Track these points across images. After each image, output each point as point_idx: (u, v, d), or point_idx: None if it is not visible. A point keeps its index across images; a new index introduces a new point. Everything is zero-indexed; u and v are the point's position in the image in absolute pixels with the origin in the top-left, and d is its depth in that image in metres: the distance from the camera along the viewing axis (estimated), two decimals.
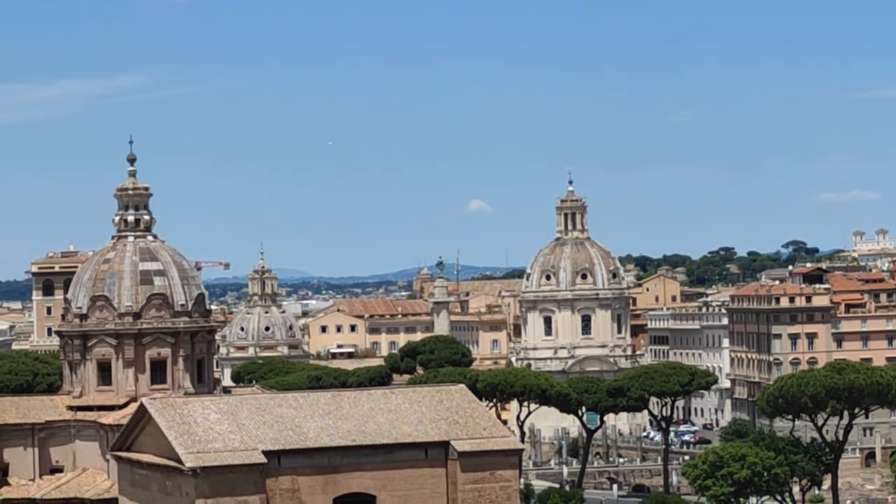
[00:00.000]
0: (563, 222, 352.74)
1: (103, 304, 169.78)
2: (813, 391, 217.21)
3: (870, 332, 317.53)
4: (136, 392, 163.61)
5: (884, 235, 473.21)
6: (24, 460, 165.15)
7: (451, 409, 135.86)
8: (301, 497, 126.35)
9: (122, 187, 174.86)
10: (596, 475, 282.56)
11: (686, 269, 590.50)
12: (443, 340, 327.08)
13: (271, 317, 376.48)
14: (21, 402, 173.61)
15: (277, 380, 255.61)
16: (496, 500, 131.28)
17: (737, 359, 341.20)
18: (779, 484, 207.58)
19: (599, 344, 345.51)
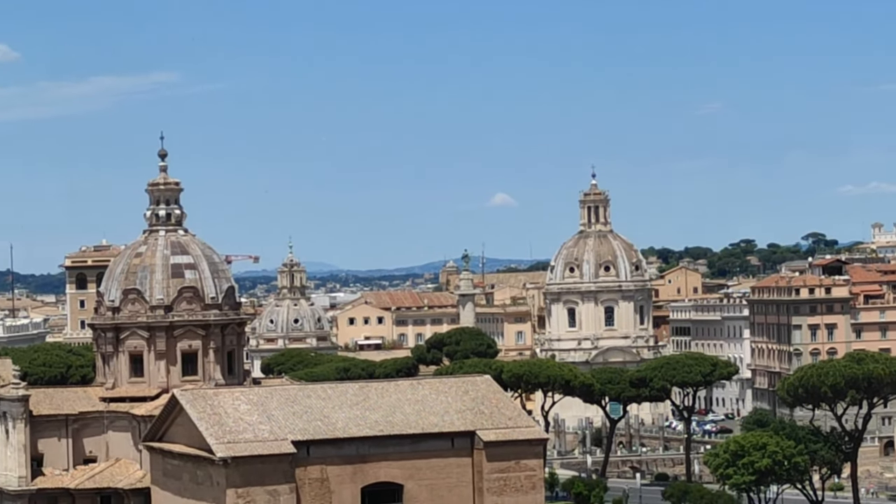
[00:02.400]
0: (587, 215, 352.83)
1: (135, 298, 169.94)
2: (832, 381, 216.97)
3: (888, 323, 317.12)
4: (168, 383, 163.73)
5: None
6: (58, 451, 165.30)
7: (477, 400, 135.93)
8: (330, 486, 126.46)
9: (154, 182, 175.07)
10: (619, 464, 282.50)
11: (707, 261, 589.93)
12: (468, 332, 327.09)
13: (300, 309, 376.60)
14: (55, 393, 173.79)
15: (306, 371, 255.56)
16: (521, 489, 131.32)
17: (757, 349, 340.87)
18: (799, 472, 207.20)
19: (622, 335, 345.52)
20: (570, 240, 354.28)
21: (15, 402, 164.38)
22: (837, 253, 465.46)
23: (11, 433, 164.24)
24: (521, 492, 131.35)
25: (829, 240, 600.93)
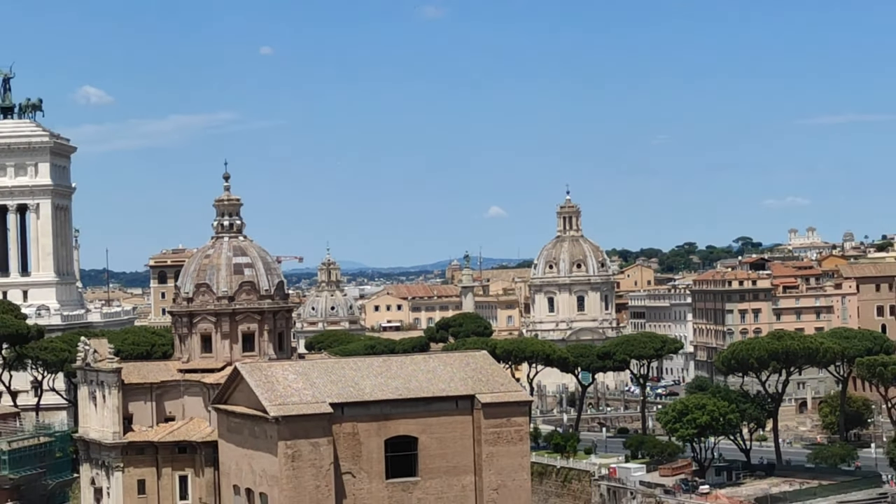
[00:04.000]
0: (563, 224, 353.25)
1: (205, 290, 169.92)
2: (758, 354, 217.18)
3: (802, 308, 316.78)
4: (231, 358, 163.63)
5: (812, 232, 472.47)
6: (144, 412, 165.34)
7: (476, 370, 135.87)
8: (359, 439, 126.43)
9: (219, 199, 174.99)
10: (589, 420, 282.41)
11: (658, 259, 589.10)
12: (469, 316, 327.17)
13: (335, 299, 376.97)
14: (142, 366, 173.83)
15: (340, 348, 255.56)
16: (511, 441, 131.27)
17: (698, 329, 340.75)
18: (731, 427, 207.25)
19: (591, 318, 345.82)
20: (550, 243, 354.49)
21: (110, 374, 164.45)
22: (761, 253, 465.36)
23: (107, 398, 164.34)
24: (511, 443, 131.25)
25: (755, 242, 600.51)
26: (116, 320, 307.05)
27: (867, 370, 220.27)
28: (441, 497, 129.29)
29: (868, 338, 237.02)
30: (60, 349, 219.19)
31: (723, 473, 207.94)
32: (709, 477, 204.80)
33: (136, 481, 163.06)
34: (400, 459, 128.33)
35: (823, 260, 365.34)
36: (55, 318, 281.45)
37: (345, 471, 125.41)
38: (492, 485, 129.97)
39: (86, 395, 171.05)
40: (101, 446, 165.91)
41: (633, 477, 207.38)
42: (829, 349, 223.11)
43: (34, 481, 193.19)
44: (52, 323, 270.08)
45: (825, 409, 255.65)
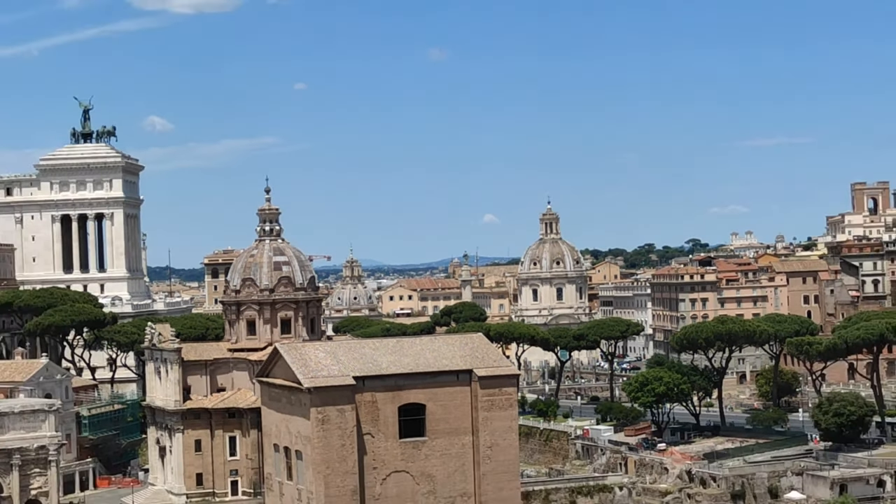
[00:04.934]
0: (544, 228, 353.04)
1: (250, 284, 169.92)
2: (705, 335, 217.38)
3: (742, 297, 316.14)
4: (271, 339, 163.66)
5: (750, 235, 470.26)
6: (200, 383, 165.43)
7: (474, 349, 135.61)
8: (377, 406, 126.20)
9: (262, 208, 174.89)
10: (566, 390, 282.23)
11: (623, 257, 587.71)
12: (468, 305, 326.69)
13: (357, 290, 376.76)
14: (198, 346, 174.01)
15: (362, 331, 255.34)
16: (502, 407, 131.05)
17: (656, 315, 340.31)
18: (684, 395, 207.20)
19: (568, 306, 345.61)
20: (534, 244, 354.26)
21: (172, 352, 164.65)
22: (708, 252, 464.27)
23: (170, 372, 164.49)
24: (503, 409, 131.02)
25: (703, 243, 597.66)
26: (177, 308, 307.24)
27: (795, 348, 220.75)
28: (445, 453, 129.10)
29: (796, 322, 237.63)
30: (131, 332, 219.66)
31: (677, 433, 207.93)
32: (665, 436, 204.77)
33: (194, 441, 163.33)
34: (411, 423, 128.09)
35: (759, 258, 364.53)
36: (126, 306, 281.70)
37: (365, 432, 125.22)
38: (486, 443, 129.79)
39: (152, 370, 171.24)
40: (165, 412, 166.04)
41: (602, 437, 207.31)
42: (764, 331, 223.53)
43: (110, 441, 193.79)
44: (123, 311, 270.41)
45: (761, 381, 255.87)
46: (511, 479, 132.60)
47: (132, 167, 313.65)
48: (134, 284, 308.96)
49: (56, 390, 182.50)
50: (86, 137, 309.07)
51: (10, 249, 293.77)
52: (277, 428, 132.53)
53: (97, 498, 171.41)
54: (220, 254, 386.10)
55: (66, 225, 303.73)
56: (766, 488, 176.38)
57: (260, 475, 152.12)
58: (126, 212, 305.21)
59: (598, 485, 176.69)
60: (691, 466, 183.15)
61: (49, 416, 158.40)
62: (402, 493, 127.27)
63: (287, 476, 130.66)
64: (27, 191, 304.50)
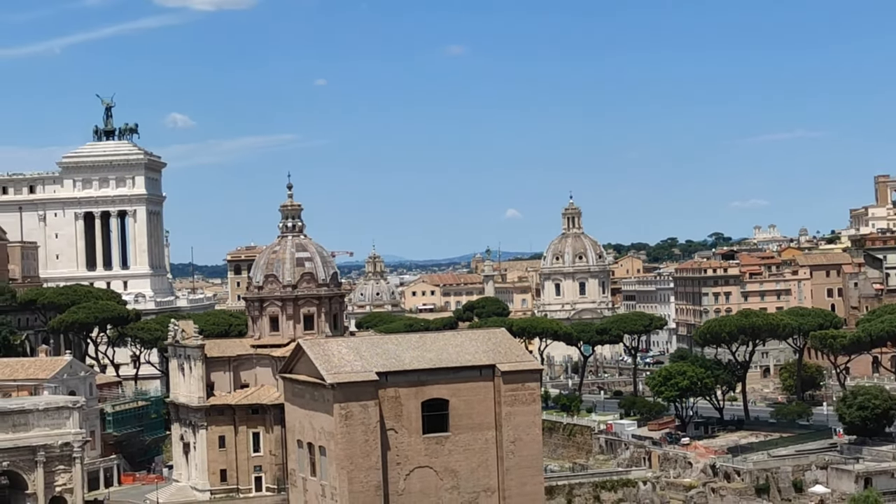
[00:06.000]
0: (567, 223, 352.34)
1: (273, 280, 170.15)
2: (729, 329, 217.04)
3: (765, 291, 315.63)
4: (294, 335, 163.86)
5: (773, 228, 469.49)
6: (223, 380, 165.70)
7: (496, 344, 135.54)
8: (400, 401, 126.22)
9: (284, 205, 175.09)
10: (589, 385, 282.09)
11: (646, 251, 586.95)
12: (490, 300, 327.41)
13: (380, 286, 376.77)
14: (221, 342, 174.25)
15: (384, 326, 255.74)
16: (525, 402, 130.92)
17: (679, 309, 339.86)
18: (707, 389, 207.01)
19: (591, 301, 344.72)
20: (556, 239, 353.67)
21: (195, 349, 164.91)
22: (731, 246, 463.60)
23: (193, 369, 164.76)
24: (526, 403, 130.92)
25: (725, 237, 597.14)
26: (200, 305, 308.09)
27: (819, 342, 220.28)
28: (468, 448, 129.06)
29: (820, 315, 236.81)
30: (154, 329, 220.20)
31: (701, 428, 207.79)
32: (689, 430, 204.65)
33: (218, 437, 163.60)
34: (434, 418, 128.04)
35: (782, 251, 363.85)
36: (150, 303, 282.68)
37: (389, 427, 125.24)
38: (510, 438, 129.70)
39: (175, 367, 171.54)
40: (189, 409, 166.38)
41: (626, 431, 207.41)
42: (787, 325, 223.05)
43: (134, 437, 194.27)
44: (147, 308, 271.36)
45: (784, 374, 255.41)
46: (534, 474, 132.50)
47: (154, 164, 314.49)
48: (157, 281, 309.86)
49: (80, 387, 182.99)
50: (108, 135, 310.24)
51: (33, 247, 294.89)
52: (301, 424, 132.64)
53: (121, 494, 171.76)
54: (242, 250, 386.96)
55: (89, 222, 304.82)
56: (790, 482, 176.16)
57: (283, 471, 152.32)
58: (149, 209, 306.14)
59: (622, 479, 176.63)
60: (715, 461, 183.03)
61: (73, 413, 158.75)
62: (426, 488, 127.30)
63: (311, 472, 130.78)
64: (50, 188, 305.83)
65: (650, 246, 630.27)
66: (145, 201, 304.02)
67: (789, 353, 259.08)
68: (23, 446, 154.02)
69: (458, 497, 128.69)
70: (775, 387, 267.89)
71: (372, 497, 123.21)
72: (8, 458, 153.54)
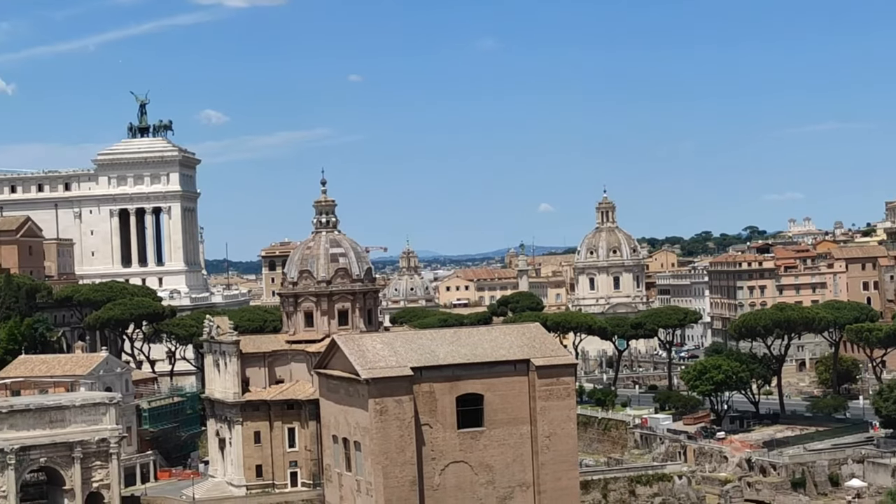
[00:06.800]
0: (601, 217, 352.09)
1: (307, 276, 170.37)
2: (764, 323, 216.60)
3: (800, 284, 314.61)
4: (329, 331, 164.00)
5: (808, 221, 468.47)
6: (258, 375, 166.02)
7: (531, 339, 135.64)
8: (435, 396, 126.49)
9: (318, 200, 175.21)
10: (624, 379, 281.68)
11: (680, 245, 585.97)
12: (524, 295, 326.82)
13: (414, 281, 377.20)
14: (256, 338, 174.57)
15: (419, 321, 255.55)
16: (560, 397, 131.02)
17: (714, 303, 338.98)
18: (742, 383, 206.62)
19: (625, 295, 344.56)
20: (590, 233, 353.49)
21: (230, 345, 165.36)
22: (766, 239, 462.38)
23: (228, 364, 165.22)
24: (561, 398, 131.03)
25: (760, 230, 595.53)
26: (235, 301, 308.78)
27: (855, 335, 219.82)
28: (503, 443, 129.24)
29: (856, 308, 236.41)
30: (190, 325, 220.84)
31: (736, 422, 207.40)
32: (724, 424, 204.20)
33: (253, 433, 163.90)
34: (468, 413, 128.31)
35: (818, 244, 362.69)
36: (185, 299, 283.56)
37: (423, 422, 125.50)
38: (545, 433, 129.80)
39: (211, 363, 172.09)
40: (224, 404, 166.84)
41: (661, 425, 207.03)
42: (823, 318, 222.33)
43: (170, 433, 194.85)
44: (182, 304, 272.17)
45: (820, 368, 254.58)
46: (569, 469, 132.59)
47: (189, 161, 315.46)
48: (192, 277, 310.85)
49: (116, 383, 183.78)
50: (143, 132, 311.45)
51: (69, 244, 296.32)
52: (336, 419, 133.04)
53: (158, 490, 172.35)
54: (276, 246, 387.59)
55: (124, 219, 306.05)
56: (826, 476, 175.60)
57: (319, 466, 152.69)
58: (183, 205, 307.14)
59: (657, 474, 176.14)
60: (751, 455, 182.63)
61: (110, 410, 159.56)
62: (461, 483, 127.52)
63: (346, 467, 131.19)
64: (85, 186, 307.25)
65: (684, 240, 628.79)
66: (180, 198, 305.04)
67: (825, 346, 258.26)
68: (60, 442, 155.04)
69: (493, 492, 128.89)
70: (811, 380, 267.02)
71: (407, 492, 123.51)
72: (45, 454, 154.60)
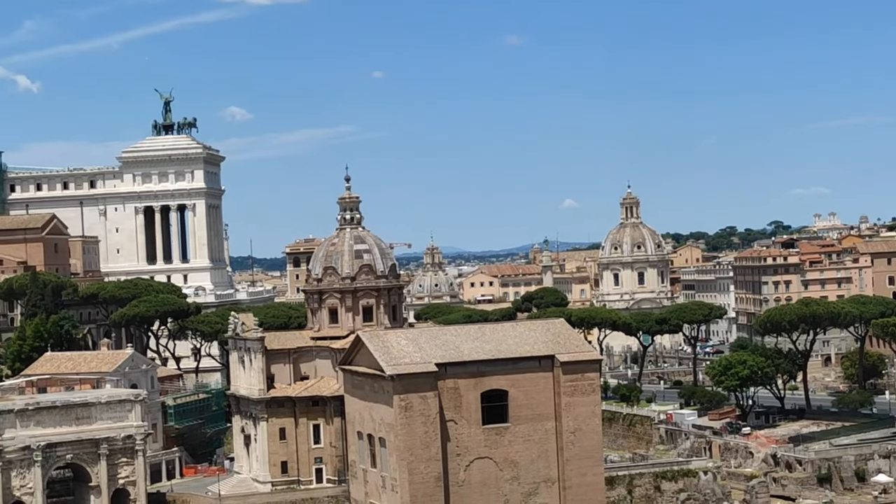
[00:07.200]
0: (625, 212, 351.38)
1: (332, 272, 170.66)
2: (789, 318, 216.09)
3: (825, 279, 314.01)
4: (354, 327, 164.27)
5: (833, 216, 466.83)
6: (283, 372, 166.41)
7: (555, 334, 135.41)
8: (460, 392, 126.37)
9: (342, 197, 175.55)
10: (649, 375, 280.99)
11: (705, 240, 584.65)
12: (549, 290, 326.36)
13: (438, 277, 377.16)
14: (281, 335, 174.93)
15: (443, 318, 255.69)
16: (585, 392, 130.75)
17: (739, 298, 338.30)
18: (768, 378, 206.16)
19: (650, 290, 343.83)
20: (614, 228, 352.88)
21: (255, 341, 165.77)
22: (791, 234, 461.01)
23: (253, 361, 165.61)
24: (585, 394, 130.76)
25: (785, 225, 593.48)
26: (260, 298, 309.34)
27: (881, 330, 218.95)
28: (528, 439, 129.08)
29: (881, 303, 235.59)
30: (214, 322, 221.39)
31: (761, 417, 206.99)
32: (750, 420, 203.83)
33: (278, 429, 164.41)
34: (493, 409, 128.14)
35: (843, 239, 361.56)
36: (210, 296, 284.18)
37: (448, 418, 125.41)
38: (569, 429, 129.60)
39: (236, 359, 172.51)
40: (249, 401, 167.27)
41: (686, 421, 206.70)
42: (848, 313, 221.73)
43: (195, 430, 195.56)
44: (207, 301, 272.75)
45: (846, 363, 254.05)
46: (595, 465, 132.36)
47: (213, 158, 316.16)
48: (217, 274, 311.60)
49: (142, 380, 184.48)
50: (167, 129, 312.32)
51: (94, 241, 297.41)
52: (361, 415, 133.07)
53: (183, 487, 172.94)
54: (301, 243, 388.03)
55: (148, 216, 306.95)
56: (852, 471, 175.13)
57: (344, 462, 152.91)
58: (208, 202, 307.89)
59: (683, 469, 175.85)
60: (776, 450, 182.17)
61: (135, 406, 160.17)
62: (486, 479, 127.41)
63: (371, 463, 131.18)
64: (110, 183, 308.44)
65: (709, 235, 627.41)
66: (204, 195, 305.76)
67: (850, 341, 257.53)
68: (86, 439, 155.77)
69: (518, 487, 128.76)
70: (837, 375, 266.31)
71: (432, 488, 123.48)
72: (71, 450, 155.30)
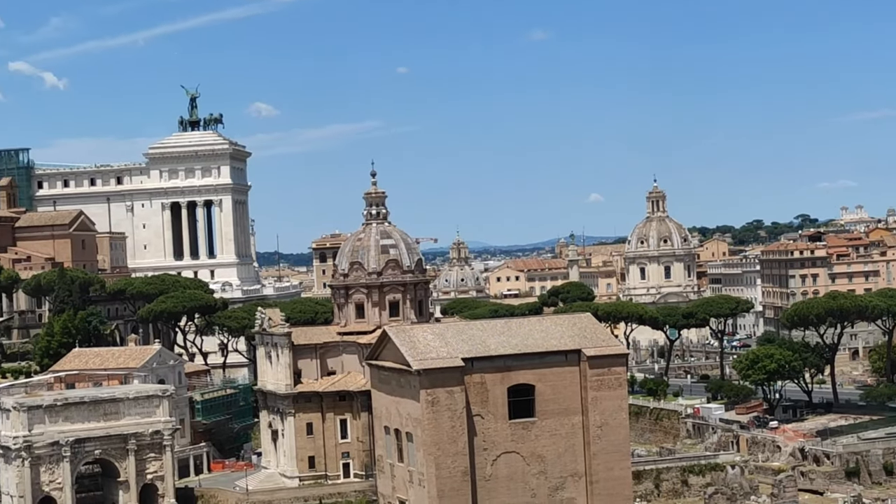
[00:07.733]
0: (651, 206, 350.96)
1: (358, 267, 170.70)
2: (816, 311, 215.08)
3: (853, 273, 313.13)
4: (380, 322, 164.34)
5: (860, 209, 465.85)
6: (310, 367, 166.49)
7: (582, 329, 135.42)
8: (486, 387, 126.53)
9: (368, 192, 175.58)
10: (676, 369, 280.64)
11: (731, 234, 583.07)
12: (575, 285, 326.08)
13: (464, 272, 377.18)
14: (308, 330, 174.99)
15: (469, 312, 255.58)
16: (612, 387, 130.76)
17: (766, 292, 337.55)
18: (795, 372, 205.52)
19: (676, 284, 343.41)
20: (641, 222, 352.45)
21: (282, 337, 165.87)
22: (818, 227, 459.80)
23: (280, 357, 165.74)
24: (612, 388, 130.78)
25: (812, 218, 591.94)
26: (286, 293, 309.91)
27: None
28: (555, 434, 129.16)
29: None
30: (241, 317, 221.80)
31: (789, 411, 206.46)
32: (777, 414, 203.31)
33: (305, 424, 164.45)
34: (520, 403, 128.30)
35: (870, 232, 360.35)
36: (237, 292, 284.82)
37: (475, 413, 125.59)
38: (596, 423, 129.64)
39: (263, 355, 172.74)
40: (276, 396, 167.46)
41: (713, 415, 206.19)
42: (876, 306, 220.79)
43: (223, 425, 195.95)
44: (234, 296, 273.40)
45: (874, 356, 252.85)
46: (622, 459, 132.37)
47: (239, 154, 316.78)
48: (243, 270, 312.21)
49: (169, 376, 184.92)
50: (193, 125, 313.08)
51: (121, 237, 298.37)
52: (388, 410, 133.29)
53: (211, 482, 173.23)
54: (327, 238, 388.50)
55: (175, 212, 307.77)
56: (881, 465, 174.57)
57: (371, 457, 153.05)
58: (234, 198, 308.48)
59: (710, 463, 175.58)
60: (804, 444, 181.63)
61: (163, 402, 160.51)
62: (513, 473, 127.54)
63: (398, 458, 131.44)
64: (137, 179, 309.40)
65: (735, 228, 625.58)
66: (231, 191, 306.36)
67: (878, 334, 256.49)
68: (114, 434, 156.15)
69: (545, 482, 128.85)
70: (864, 369, 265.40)
71: (459, 482, 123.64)
72: (100, 446, 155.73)
